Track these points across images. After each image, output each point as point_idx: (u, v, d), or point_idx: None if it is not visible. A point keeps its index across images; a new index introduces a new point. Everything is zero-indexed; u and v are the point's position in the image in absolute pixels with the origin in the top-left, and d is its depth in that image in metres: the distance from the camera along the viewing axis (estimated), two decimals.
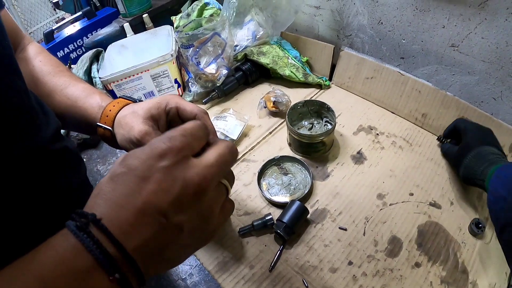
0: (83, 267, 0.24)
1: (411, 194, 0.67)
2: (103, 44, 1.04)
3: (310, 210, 0.64)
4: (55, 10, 1.61)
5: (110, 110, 0.47)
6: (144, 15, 1.08)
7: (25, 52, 0.54)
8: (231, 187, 0.34)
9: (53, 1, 1.41)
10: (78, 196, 0.50)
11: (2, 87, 0.35)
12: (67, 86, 0.51)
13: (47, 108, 0.46)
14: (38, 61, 0.53)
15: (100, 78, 0.88)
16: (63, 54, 1.18)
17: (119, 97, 0.50)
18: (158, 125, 0.45)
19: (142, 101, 0.49)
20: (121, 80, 0.88)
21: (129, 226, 0.25)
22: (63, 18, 1.39)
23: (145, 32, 1.04)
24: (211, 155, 0.30)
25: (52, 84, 0.51)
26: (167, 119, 0.46)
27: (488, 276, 0.56)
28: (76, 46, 1.19)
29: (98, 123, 0.47)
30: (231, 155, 0.32)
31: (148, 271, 0.27)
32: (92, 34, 1.19)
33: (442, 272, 0.56)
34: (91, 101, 0.49)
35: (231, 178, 0.35)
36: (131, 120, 0.44)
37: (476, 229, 0.60)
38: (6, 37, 0.38)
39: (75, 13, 1.34)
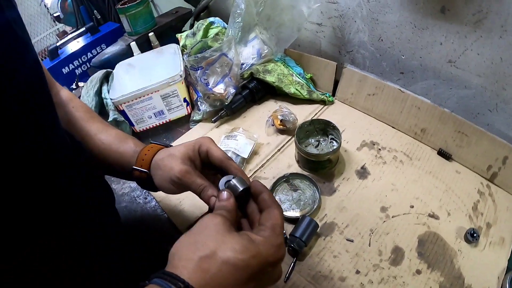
0: None
1: (412, 206, 0.77)
2: (110, 62, 1.12)
3: (319, 224, 0.74)
4: (54, 22, 1.68)
5: (145, 154, 0.54)
6: (150, 34, 1.16)
7: (57, 98, 0.61)
8: None
9: (54, 15, 1.48)
10: (110, 205, 0.58)
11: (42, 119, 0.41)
12: (100, 131, 0.58)
13: (77, 140, 0.52)
14: (71, 107, 0.60)
15: (111, 99, 0.96)
16: (69, 70, 1.25)
17: (151, 143, 0.57)
18: (195, 166, 0.51)
19: (172, 145, 0.56)
20: (132, 101, 0.96)
21: None
22: (64, 31, 1.46)
23: (151, 50, 1.12)
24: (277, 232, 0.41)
25: (86, 129, 0.58)
26: (201, 161, 0.52)
27: (482, 280, 0.65)
28: (80, 62, 1.27)
29: (134, 167, 0.53)
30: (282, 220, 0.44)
31: None
32: (96, 50, 1.27)
33: (440, 278, 0.65)
34: (126, 146, 0.56)
35: None
36: (170, 162, 0.50)
37: (471, 238, 0.69)
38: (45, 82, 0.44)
39: (76, 26, 1.41)
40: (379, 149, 0.89)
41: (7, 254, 0.37)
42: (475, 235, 0.69)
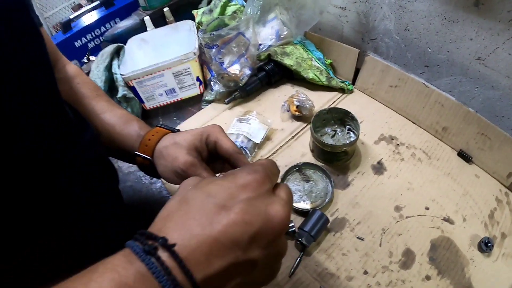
0: None
1: (427, 208, 0.71)
2: (123, 37, 1.05)
3: (330, 218, 0.68)
4: None
5: (149, 139, 0.47)
6: (165, 9, 1.08)
7: (63, 72, 0.55)
8: None
9: None
10: (110, 204, 0.52)
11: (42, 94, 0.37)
12: (105, 111, 0.52)
13: (81, 116, 0.48)
14: (76, 83, 0.54)
15: (121, 74, 0.90)
16: (81, 44, 1.19)
17: (157, 126, 0.51)
18: (201, 156, 0.45)
19: (179, 130, 0.50)
20: (143, 77, 0.90)
21: (202, 256, 0.24)
22: (79, 4, 1.39)
23: (166, 26, 1.05)
24: (283, 193, 0.31)
25: (90, 107, 0.52)
26: (208, 152, 0.46)
27: None
28: (93, 36, 1.20)
29: (136, 152, 0.48)
30: (292, 195, 0.33)
31: None
32: (110, 24, 1.20)
33: (450, 286, 0.60)
34: (130, 128, 0.51)
35: None
36: (174, 151, 0.44)
37: (485, 247, 0.64)
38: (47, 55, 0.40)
39: (92, 1, 1.34)
40: (398, 144, 0.82)
41: (7, 254, 0.34)
42: (489, 244, 0.64)
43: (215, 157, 0.47)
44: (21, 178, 0.34)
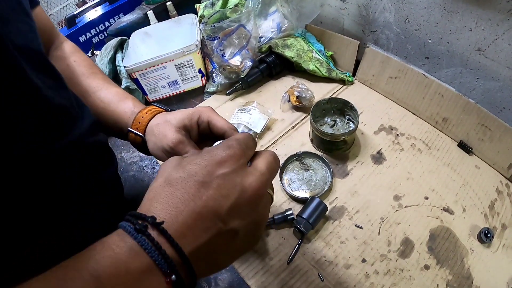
0: (141, 268, 0.24)
1: (426, 198, 0.69)
2: (127, 31, 1.05)
3: (329, 207, 0.67)
4: None
5: (142, 117, 0.48)
6: (168, 3, 1.07)
7: (59, 50, 0.55)
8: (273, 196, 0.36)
9: None
10: (109, 189, 0.51)
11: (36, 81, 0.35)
12: (100, 89, 0.52)
13: (81, 102, 0.47)
14: (73, 60, 0.54)
15: (125, 67, 0.90)
16: (85, 39, 1.18)
17: (151, 104, 0.51)
18: (190, 135, 0.45)
19: (173, 110, 0.50)
20: (146, 69, 0.90)
21: (188, 230, 0.26)
22: (84, 1, 1.38)
23: (168, 20, 1.04)
24: (261, 163, 0.31)
25: (85, 85, 0.52)
26: (199, 131, 0.46)
27: (491, 284, 0.59)
28: (98, 31, 1.20)
29: (130, 129, 0.48)
30: (277, 163, 0.33)
31: (200, 274, 0.27)
32: (114, 19, 1.19)
33: (449, 276, 0.59)
34: (124, 106, 0.50)
35: (272, 187, 0.37)
36: (164, 129, 0.44)
37: (485, 237, 0.62)
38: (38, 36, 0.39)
39: None
40: (397, 134, 0.80)
41: (7, 254, 0.34)
42: (489, 235, 0.63)
43: (206, 137, 0.47)
44: (21, 177, 0.34)
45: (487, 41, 0.72)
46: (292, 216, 0.65)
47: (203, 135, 0.47)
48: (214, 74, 0.93)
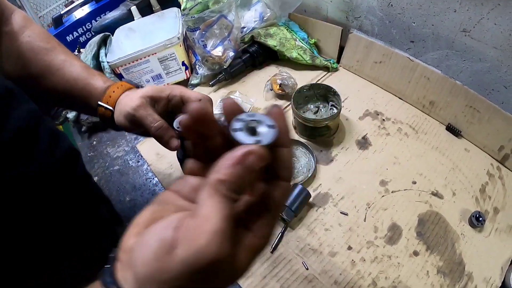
0: None
1: (414, 182, 0.66)
2: (111, 27, 1.02)
3: (313, 194, 0.64)
4: None
5: (113, 92, 0.47)
6: None
7: (9, 24, 0.48)
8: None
9: None
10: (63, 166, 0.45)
11: None
12: (64, 65, 0.49)
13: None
14: (27, 36, 0.49)
15: (108, 62, 0.88)
16: (73, 38, 1.16)
17: (122, 81, 0.50)
18: (155, 105, 0.45)
19: (143, 87, 0.49)
20: (129, 64, 0.87)
21: None
22: (72, 1, 1.37)
23: (152, 15, 1.02)
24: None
25: (46, 63, 0.48)
26: (168, 105, 0.46)
27: (484, 269, 0.56)
28: (85, 29, 1.17)
29: (99, 103, 0.47)
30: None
31: None
32: (100, 17, 1.17)
33: (439, 262, 0.56)
34: (94, 82, 0.49)
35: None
36: (130, 98, 0.44)
37: (476, 222, 0.59)
38: None
39: None
40: (383, 119, 0.77)
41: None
42: (480, 219, 0.60)
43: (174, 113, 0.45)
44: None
45: (472, 21, 0.69)
46: None
47: (176, 111, 0.46)
48: (197, 66, 0.91)
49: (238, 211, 0.25)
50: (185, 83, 0.95)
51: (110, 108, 0.46)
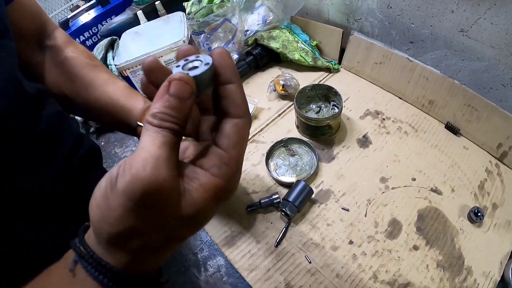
0: None
1: (414, 179, 0.68)
2: (118, 31, 1.05)
3: (315, 191, 0.66)
4: None
5: None
6: (156, 2, 1.08)
7: (52, 39, 0.51)
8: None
9: None
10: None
11: None
12: (107, 83, 0.49)
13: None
14: (71, 51, 0.50)
15: (115, 65, 0.90)
16: (79, 42, 1.18)
17: None
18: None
19: None
20: (136, 66, 0.90)
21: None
22: (77, 6, 1.40)
23: (158, 19, 1.05)
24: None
25: (90, 78, 0.49)
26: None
27: (483, 264, 0.57)
28: (91, 33, 1.20)
29: (138, 123, 0.46)
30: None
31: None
32: (106, 21, 1.21)
33: (439, 256, 0.58)
34: (135, 101, 0.48)
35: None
36: None
37: (475, 217, 0.61)
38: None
39: (89, 0, 1.35)
40: (383, 118, 0.79)
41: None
42: (479, 214, 0.61)
43: None
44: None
45: (470, 21, 0.70)
46: (278, 200, 0.64)
47: None
48: None
49: (186, 147, 0.27)
50: None
51: None
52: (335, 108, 0.78)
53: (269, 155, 0.73)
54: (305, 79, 0.89)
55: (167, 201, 0.21)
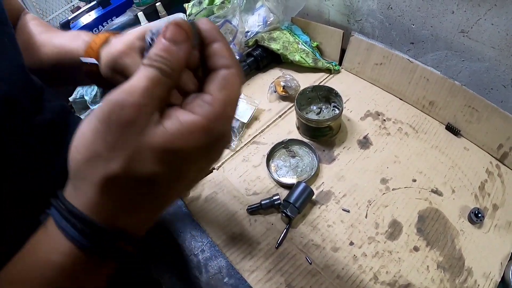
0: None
1: (414, 180, 0.68)
2: None
3: (316, 192, 0.66)
4: None
5: (95, 42, 0.39)
6: (157, 4, 1.08)
7: (21, 20, 0.49)
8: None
9: None
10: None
11: None
12: (56, 37, 0.45)
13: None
14: (33, 24, 0.48)
15: None
16: None
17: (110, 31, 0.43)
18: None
19: None
20: None
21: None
22: (78, 7, 1.40)
23: (158, 20, 1.06)
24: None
25: (41, 40, 0.45)
26: None
27: (484, 265, 0.57)
28: None
29: (81, 58, 0.40)
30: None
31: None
32: (107, 23, 1.21)
33: (439, 257, 0.58)
34: (78, 41, 0.42)
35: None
36: (114, 45, 0.37)
37: (475, 218, 0.61)
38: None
39: (90, 1, 1.35)
40: (384, 120, 0.79)
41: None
42: (479, 215, 0.61)
43: None
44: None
45: (470, 22, 0.71)
46: (279, 201, 0.64)
47: None
48: None
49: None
50: None
51: (93, 61, 0.39)
52: (336, 109, 0.78)
53: (270, 156, 0.73)
54: (305, 80, 0.89)
55: (131, 124, 0.21)
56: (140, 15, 1.07)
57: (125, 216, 0.23)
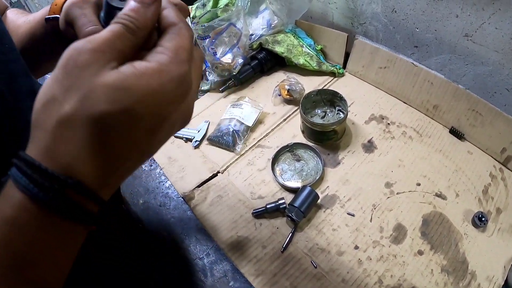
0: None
1: (418, 184, 0.68)
2: None
3: (321, 196, 0.67)
4: None
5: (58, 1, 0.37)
6: None
7: (4, 17, 0.47)
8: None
9: None
10: None
11: None
12: (32, 15, 0.44)
13: None
14: (12, 12, 0.46)
15: None
16: None
17: None
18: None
19: None
20: None
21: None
22: None
23: None
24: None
25: (21, 20, 0.44)
26: None
27: (487, 268, 0.58)
28: None
29: (46, 17, 0.38)
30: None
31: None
32: None
33: (443, 261, 0.59)
34: (43, 12, 0.40)
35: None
36: None
37: (479, 222, 0.61)
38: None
39: None
40: (388, 123, 0.80)
41: None
42: (483, 219, 0.62)
43: None
44: None
45: (474, 26, 0.71)
46: (284, 205, 0.65)
47: None
48: (207, 73, 0.94)
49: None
50: None
51: (56, 16, 0.37)
52: (341, 113, 0.78)
53: (275, 160, 0.73)
54: (309, 84, 0.89)
55: (87, 67, 0.21)
56: None
57: (80, 163, 0.22)
